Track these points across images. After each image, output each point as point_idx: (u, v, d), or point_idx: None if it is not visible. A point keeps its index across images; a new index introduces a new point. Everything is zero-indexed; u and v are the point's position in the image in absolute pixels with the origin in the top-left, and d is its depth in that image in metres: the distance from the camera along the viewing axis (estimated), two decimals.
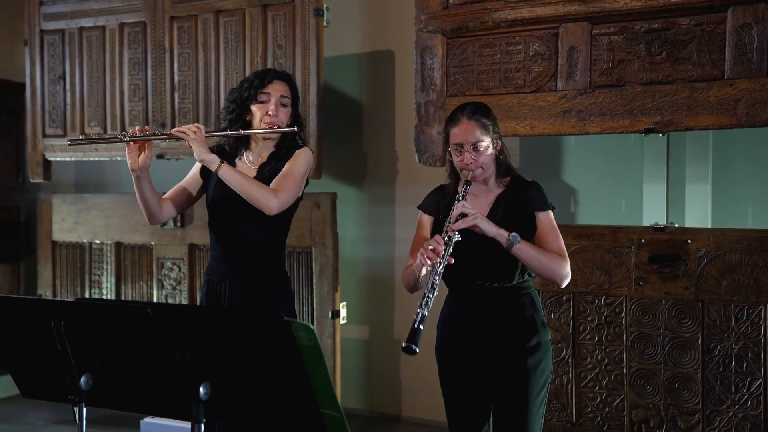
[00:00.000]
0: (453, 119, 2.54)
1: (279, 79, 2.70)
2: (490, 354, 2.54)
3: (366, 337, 4.92)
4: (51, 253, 4.87)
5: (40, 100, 4.83)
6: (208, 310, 1.79)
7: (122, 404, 1.79)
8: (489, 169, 2.54)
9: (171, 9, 4.37)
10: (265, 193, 2.52)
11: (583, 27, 3.31)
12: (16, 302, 1.76)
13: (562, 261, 2.49)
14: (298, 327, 1.52)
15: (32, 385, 1.91)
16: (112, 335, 1.70)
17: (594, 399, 3.52)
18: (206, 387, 1.67)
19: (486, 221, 2.42)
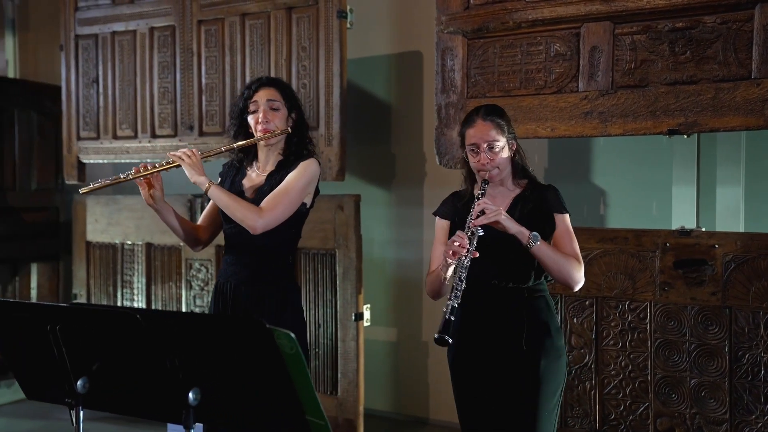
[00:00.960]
0: (468, 121, 2.58)
1: (265, 85, 2.72)
2: (501, 356, 2.53)
3: (394, 339, 4.91)
4: (85, 253, 4.97)
5: (75, 103, 4.94)
6: (194, 317, 1.80)
7: (117, 408, 1.81)
8: (505, 169, 2.56)
9: (199, 13, 4.42)
10: (249, 214, 2.56)
11: (605, 26, 3.24)
12: (14, 306, 1.79)
13: (578, 265, 2.51)
14: (281, 335, 1.51)
15: (34, 387, 1.95)
16: (105, 340, 1.72)
17: (618, 406, 3.45)
18: (195, 393, 1.68)
19: (508, 218, 2.43)
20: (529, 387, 2.50)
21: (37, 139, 5.61)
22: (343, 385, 4.06)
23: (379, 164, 4.88)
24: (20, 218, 5.54)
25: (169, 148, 4.57)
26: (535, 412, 2.50)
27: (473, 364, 2.59)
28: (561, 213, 2.55)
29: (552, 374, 2.52)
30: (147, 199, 2.59)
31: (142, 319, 1.61)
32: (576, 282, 2.50)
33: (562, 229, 2.54)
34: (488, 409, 2.59)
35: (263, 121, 2.68)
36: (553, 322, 2.57)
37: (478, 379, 2.59)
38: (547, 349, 2.52)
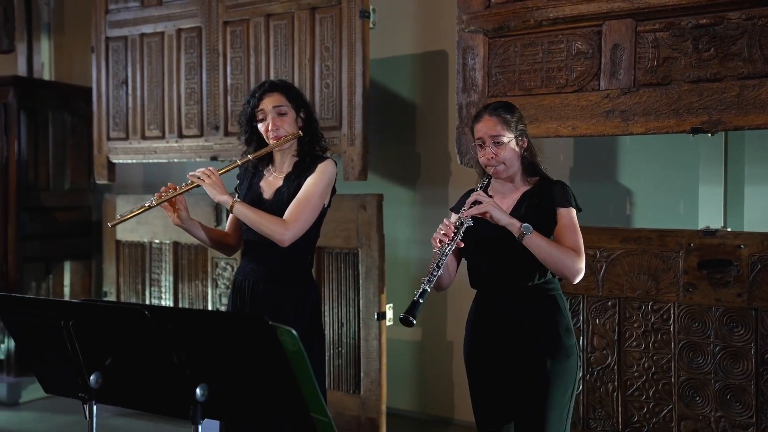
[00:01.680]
0: (476, 116, 2.60)
1: (268, 92, 2.73)
2: (511, 355, 2.53)
3: (418, 338, 4.91)
4: (115, 252, 5.06)
5: (105, 104, 5.03)
6: (199, 313, 1.83)
7: (129, 402, 1.84)
8: (512, 166, 2.55)
9: (224, 14, 4.47)
10: (276, 228, 2.60)
11: (627, 24, 3.20)
12: (28, 302, 1.84)
13: (575, 256, 2.45)
14: (283, 332, 1.53)
15: (51, 381, 1.99)
16: (116, 336, 1.75)
17: (641, 409, 3.41)
18: (203, 388, 1.70)
19: (498, 210, 2.43)
20: (537, 387, 2.49)
21: (70, 140, 5.72)
22: (366, 384, 4.07)
23: (404, 164, 4.88)
24: (54, 217, 5.65)
25: (196, 148, 4.63)
26: (543, 413, 2.49)
27: (485, 362, 2.60)
28: (564, 207, 2.51)
29: (560, 374, 2.50)
30: (174, 221, 2.63)
31: (150, 315, 1.64)
32: (573, 273, 2.45)
33: (565, 222, 2.50)
34: (500, 407, 2.59)
35: (273, 129, 2.70)
36: (563, 321, 2.54)
37: (489, 377, 2.60)
38: (554, 348, 2.50)
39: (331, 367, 4.20)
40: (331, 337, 4.20)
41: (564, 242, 2.47)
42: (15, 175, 5.35)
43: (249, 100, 2.77)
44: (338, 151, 4.10)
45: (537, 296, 2.53)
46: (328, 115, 4.13)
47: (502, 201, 2.57)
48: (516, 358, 2.52)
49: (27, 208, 5.44)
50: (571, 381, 2.55)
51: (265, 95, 2.72)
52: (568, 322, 2.57)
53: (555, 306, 2.55)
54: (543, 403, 2.49)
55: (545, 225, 2.49)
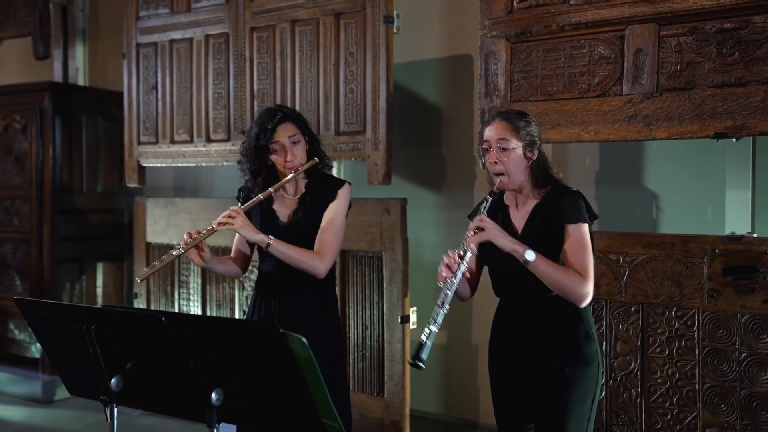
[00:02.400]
0: (488, 121, 2.59)
1: (280, 123, 2.73)
2: (531, 363, 2.54)
3: (444, 341, 4.92)
4: (145, 254, 5.15)
5: (136, 109, 5.12)
6: (214, 320, 1.87)
7: (148, 406, 1.89)
8: (517, 177, 2.51)
9: (251, 20, 4.53)
10: (312, 262, 2.67)
11: (650, 29, 3.18)
12: (52, 307, 1.89)
13: (581, 280, 2.40)
14: (294, 340, 1.56)
15: (75, 383, 2.05)
16: (135, 341, 1.80)
17: (664, 415, 3.38)
18: (218, 393, 1.74)
19: (501, 236, 2.40)
20: (556, 394, 2.49)
21: (103, 144, 5.84)
22: (390, 387, 4.10)
23: (429, 167, 4.90)
24: (87, 220, 5.77)
25: (223, 152, 4.69)
26: (562, 420, 2.48)
27: (507, 369, 2.61)
28: (573, 223, 2.44)
29: (580, 382, 2.49)
30: (199, 263, 2.65)
31: (167, 321, 1.68)
32: (579, 298, 2.41)
33: (573, 240, 2.44)
34: (521, 414, 2.60)
35: (291, 160, 2.73)
36: (583, 328, 2.53)
37: (511, 384, 2.60)
38: (573, 356, 2.49)
39: (355, 369, 4.24)
40: (355, 340, 4.23)
41: (571, 263, 2.43)
42: (50, 178, 5.48)
43: (259, 132, 2.73)
44: (362, 156, 4.13)
45: (558, 304, 2.51)
46: (353, 119, 4.17)
47: (516, 213, 2.56)
48: (536, 366, 2.52)
49: (61, 210, 5.57)
50: (592, 388, 2.54)
51: (279, 126, 2.73)
52: (588, 329, 2.56)
53: (575, 313, 2.54)
54: (561, 411, 2.49)
55: (555, 242, 2.46)
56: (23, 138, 5.62)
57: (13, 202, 5.73)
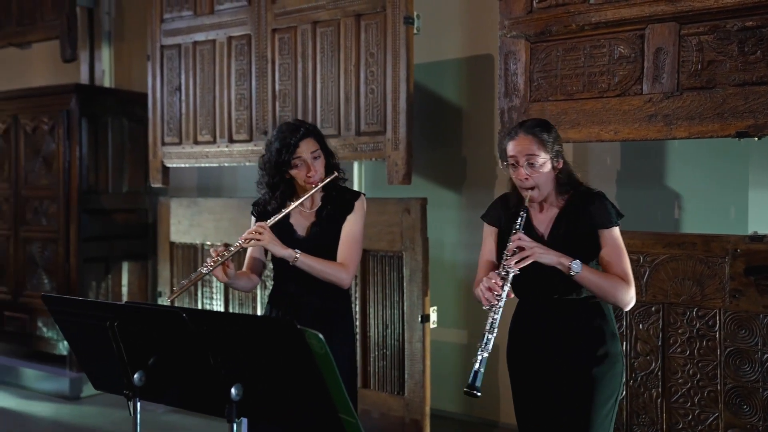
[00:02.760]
0: (510, 133, 2.53)
1: (303, 138, 2.76)
2: (556, 363, 2.53)
3: (464, 341, 4.93)
4: (169, 254, 5.22)
5: (160, 110, 5.19)
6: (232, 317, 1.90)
7: (170, 400, 1.92)
8: (545, 189, 2.51)
9: (273, 21, 4.57)
10: (339, 273, 2.75)
11: (671, 27, 3.17)
12: (77, 303, 1.94)
13: (626, 287, 2.44)
14: (311, 335, 1.59)
15: (99, 378, 2.09)
16: (157, 337, 1.84)
17: (686, 416, 3.37)
18: (238, 388, 1.78)
19: (545, 252, 2.39)
20: (582, 393, 2.49)
21: (128, 145, 5.92)
22: (410, 386, 4.12)
23: (449, 167, 4.91)
24: (113, 219, 5.86)
25: (245, 153, 4.74)
26: (588, 419, 2.49)
27: (529, 369, 2.61)
28: (607, 228, 2.46)
29: (606, 381, 2.50)
30: (222, 279, 2.67)
31: (188, 318, 1.72)
32: (625, 304, 2.46)
33: (610, 245, 2.46)
34: (543, 413, 2.60)
35: (313, 174, 2.76)
36: (608, 328, 2.54)
37: (533, 383, 2.60)
38: (599, 355, 2.50)
39: (375, 368, 4.26)
40: (375, 339, 4.26)
41: (611, 268, 2.44)
42: (77, 178, 5.57)
43: (281, 148, 2.75)
44: (383, 156, 4.15)
45: (583, 305, 2.52)
46: (373, 120, 4.20)
47: (538, 217, 2.56)
48: (561, 365, 2.52)
49: (87, 210, 5.66)
50: (617, 387, 2.55)
51: (301, 142, 2.75)
52: (613, 329, 2.56)
53: (600, 313, 2.54)
54: (587, 410, 2.49)
55: (587, 248, 2.46)
56: (51, 139, 5.72)
57: (42, 202, 5.83)
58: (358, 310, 4.30)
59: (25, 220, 5.94)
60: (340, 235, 2.81)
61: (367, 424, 4.34)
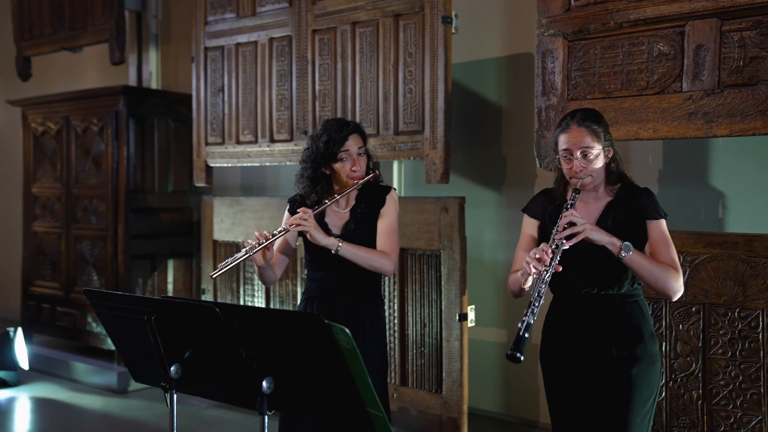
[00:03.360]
0: (562, 125, 2.53)
1: (352, 133, 2.82)
2: (593, 362, 2.52)
3: (504, 340, 4.92)
4: (212, 251, 5.32)
5: (204, 111, 5.30)
6: (263, 311, 1.95)
7: (205, 393, 1.98)
8: (598, 177, 2.51)
9: (313, 22, 4.63)
10: (383, 261, 2.78)
11: (712, 24, 3.13)
12: (115, 297, 2.01)
13: (676, 274, 2.42)
14: (338, 330, 1.62)
15: (139, 371, 2.16)
16: (192, 331, 1.90)
17: (727, 418, 3.31)
18: (269, 381, 1.82)
19: (597, 230, 2.38)
20: (620, 393, 2.47)
21: (173, 145, 6.05)
22: (448, 384, 4.13)
23: (489, 166, 4.91)
24: (159, 218, 5.99)
25: (286, 152, 4.81)
26: (626, 419, 2.47)
27: (564, 367, 2.59)
28: (655, 219, 2.47)
29: (644, 381, 2.48)
30: (259, 262, 2.74)
31: (221, 312, 1.77)
32: (674, 292, 2.44)
33: (657, 236, 2.46)
34: (579, 413, 2.59)
35: (357, 170, 2.82)
36: (647, 327, 2.52)
37: (569, 382, 2.59)
38: (639, 355, 2.48)
39: (413, 366, 4.29)
40: (413, 337, 4.28)
41: (659, 258, 2.43)
42: (124, 178, 5.72)
43: (329, 141, 2.80)
44: (421, 155, 4.18)
45: (622, 303, 2.51)
46: (411, 119, 4.22)
47: (585, 210, 2.54)
48: (599, 365, 2.50)
49: (134, 209, 5.80)
50: (655, 388, 2.53)
51: (350, 136, 2.82)
52: (652, 328, 2.55)
53: (639, 312, 2.53)
54: (626, 410, 2.47)
55: (636, 238, 2.45)
56: (100, 140, 5.88)
57: (91, 201, 6.00)
58: (396, 308, 4.33)
59: (76, 219, 6.12)
60: (374, 232, 2.85)
61: (405, 422, 4.37)
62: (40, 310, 6.45)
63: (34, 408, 5.27)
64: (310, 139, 2.91)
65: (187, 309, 1.85)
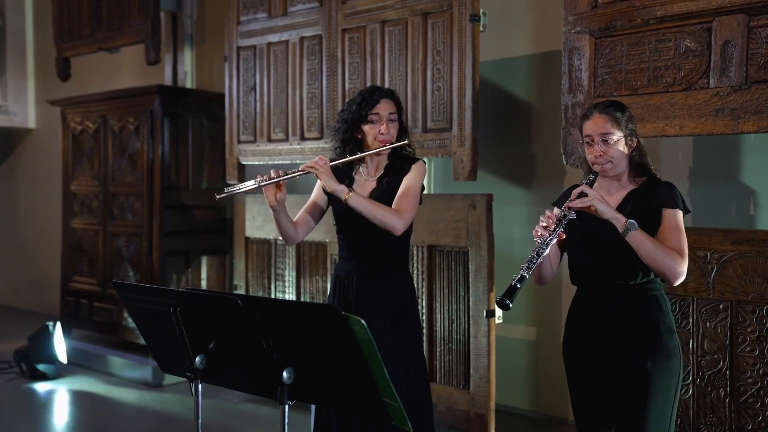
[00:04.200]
0: (586, 114, 2.61)
1: (385, 97, 2.87)
2: (611, 355, 2.55)
3: (533, 337, 4.92)
4: (244, 248, 5.41)
5: (236, 109, 5.38)
6: (281, 303, 2.00)
7: (229, 383, 2.04)
8: (619, 164, 2.55)
9: (343, 21, 4.68)
10: (391, 216, 2.74)
11: (739, 19, 3.10)
12: (142, 290, 2.08)
13: (678, 257, 2.43)
14: (354, 322, 1.67)
15: (165, 361, 2.23)
16: (216, 322, 1.95)
17: (755, 417, 3.29)
18: (289, 372, 1.87)
19: (604, 203, 2.43)
20: (637, 387, 2.50)
21: (207, 143, 6.15)
22: (475, 380, 4.16)
23: (519, 164, 4.92)
24: (193, 215, 6.10)
25: (317, 150, 4.88)
26: (643, 413, 2.49)
27: (585, 360, 2.63)
28: (670, 208, 2.49)
29: (661, 375, 2.49)
30: (271, 201, 2.79)
31: (242, 304, 1.82)
32: (675, 274, 2.42)
33: (669, 223, 2.48)
34: (600, 407, 2.61)
35: (385, 133, 2.85)
36: (665, 321, 2.53)
37: (589, 376, 2.61)
38: (655, 349, 2.49)
39: (441, 362, 4.32)
40: (441, 333, 4.31)
41: (666, 243, 2.45)
42: (159, 175, 5.84)
43: (362, 102, 2.87)
44: (448, 152, 4.20)
45: (639, 295, 2.53)
46: (439, 117, 4.25)
47: (607, 198, 2.58)
48: (616, 358, 2.53)
49: (169, 206, 5.91)
50: (674, 382, 2.53)
51: (383, 99, 2.87)
52: (670, 323, 2.55)
53: (657, 306, 2.54)
54: (643, 404, 2.49)
55: (650, 225, 2.48)
56: (136, 138, 6.01)
57: (127, 199, 6.13)
58: (424, 304, 4.36)
59: (113, 216, 6.26)
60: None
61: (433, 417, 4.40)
62: (78, 306, 6.62)
63: (72, 400, 5.42)
64: (346, 105, 2.98)
65: (211, 301, 1.91)
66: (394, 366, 2.69)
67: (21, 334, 6.42)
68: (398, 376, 2.72)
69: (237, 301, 1.83)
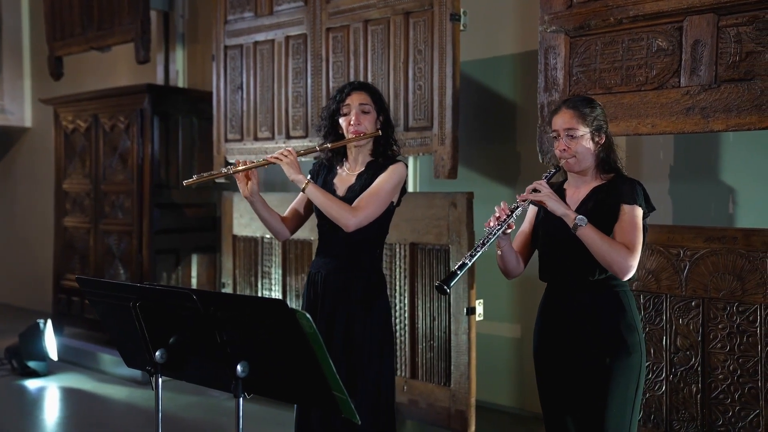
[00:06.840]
0: (555, 109, 2.65)
1: (356, 89, 2.92)
2: (574, 350, 2.58)
3: (518, 335, 4.95)
4: (232, 246, 5.45)
5: (224, 108, 5.42)
6: (232, 297, 2.03)
7: (187, 377, 2.08)
8: (584, 160, 2.58)
9: (327, 21, 4.71)
10: (343, 212, 2.77)
11: (709, 19, 3.13)
12: (103, 285, 2.12)
13: (626, 252, 2.45)
14: (301, 315, 1.70)
15: (129, 356, 2.27)
16: (173, 317, 1.99)
17: (725, 412, 3.31)
18: (243, 365, 1.91)
19: (555, 201, 2.49)
20: (596, 383, 2.53)
21: (197, 142, 6.19)
22: (456, 377, 4.19)
23: (503, 162, 4.94)
24: (183, 213, 6.15)
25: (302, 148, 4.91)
26: (603, 409, 2.52)
27: (550, 355, 2.67)
28: (628, 204, 2.51)
29: (620, 371, 2.51)
30: (244, 192, 2.84)
31: (197, 298, 1.86)
32: (621, 269, 2.45)
33: (625, 219, 2.50)
34: (563, 401, 2.64)
35: (355, 124, 2.88)
36: (625, 318, 2.55)
37: (554, 370, 2.65)
38: (614, 345, 2.52)
39: (423, 359, 4.35)
40: (423, 330, 4.34)
41: (619, 237, 2.48)
42: (149, 174, 5.88)
43: (336, 95, 2.95)
44: (429, 151, 4.23)
45: (601, 292, 2.56)
46: (420, 115, 4.28)
47: (574, 193, 2.63)
48: (578, 353, 2.57)
49: (159, 204, 5.96)
50: (634, 378, 2.56)
51: (354, 92, 2.92)
52: (631, 320, 2.58)
53: (618, 303, 2.57)
54: (602, 400, 2.52)
55: (608, 220, 2.51)
56: (126, 137, 6.06)
57: (118, 197, 6.18)
58: (406, 302, 4.39)
59: (104, 214, 6.31)
60: None
61: (414, 414, 4.43)
62: (70, 303, 6.67)
63: (62, 397, 5.47)
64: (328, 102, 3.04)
65: (167, 296, 1.95)
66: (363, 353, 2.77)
67: (13, 331, 6.46)
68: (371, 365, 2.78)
69: (192, 296, 1.86)
